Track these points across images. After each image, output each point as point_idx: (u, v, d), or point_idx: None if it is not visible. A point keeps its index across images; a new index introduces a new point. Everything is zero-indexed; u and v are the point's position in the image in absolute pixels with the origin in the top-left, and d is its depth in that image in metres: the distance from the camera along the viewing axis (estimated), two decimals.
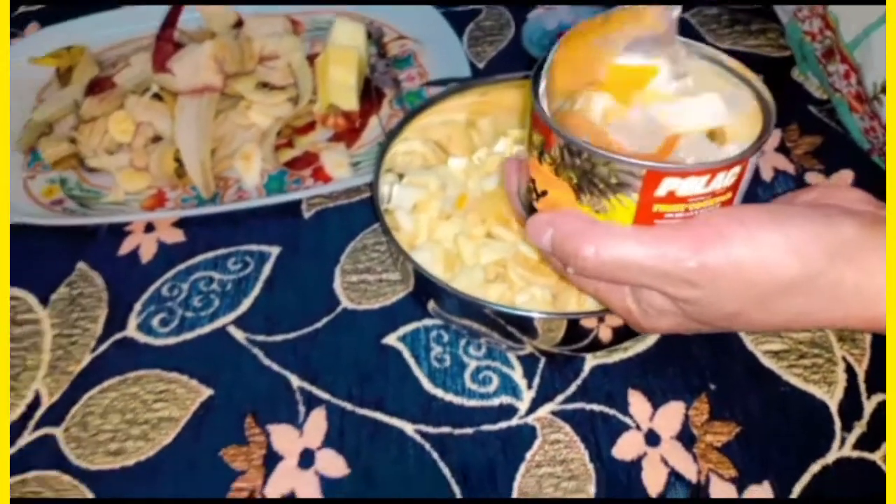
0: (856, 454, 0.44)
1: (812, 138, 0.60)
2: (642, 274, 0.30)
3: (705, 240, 0.29)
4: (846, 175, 0.58)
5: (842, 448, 0.44)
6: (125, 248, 0.57)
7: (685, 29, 0.72)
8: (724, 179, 0.29)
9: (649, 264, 0.30)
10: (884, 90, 0.50)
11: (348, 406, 0.47)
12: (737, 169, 0.30)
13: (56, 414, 0.48)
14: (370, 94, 0.63)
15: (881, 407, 0.46)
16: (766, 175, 0.59)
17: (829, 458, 0.44)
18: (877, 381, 0.47)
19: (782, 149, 0.60)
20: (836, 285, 0.29)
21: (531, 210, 0.35)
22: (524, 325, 0.43)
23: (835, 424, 0.45)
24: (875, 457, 0.44)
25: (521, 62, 0.69)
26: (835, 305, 0.29)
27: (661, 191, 0.29)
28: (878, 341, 0.49)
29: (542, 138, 0.31)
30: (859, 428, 0.45)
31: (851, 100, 0.55)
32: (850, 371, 0.47)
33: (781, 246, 0.28)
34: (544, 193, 0.33)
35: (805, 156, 0.60)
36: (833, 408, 0.46)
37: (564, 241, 0.31)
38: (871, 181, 0.57)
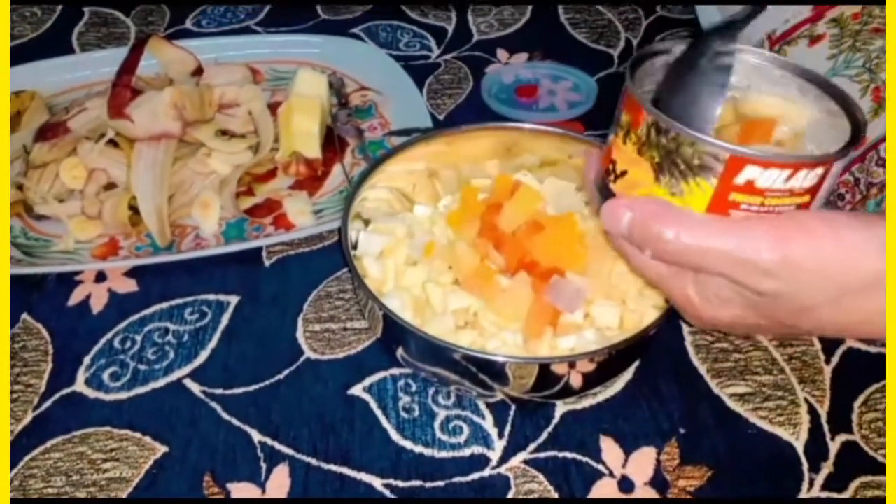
0: (825, 495, 0.44)
1: None
2: (721, 261, 0.30)
3: (790, 233, 0.29)
4: None
5: (811, 489, 0.44)
6: (74, 298, 0.54)
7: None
8: (804, 178, 0.29)
9: (731, 252, 0.29)
10: None
11: (313, 461, 0.45)
12: (819, 170, 0.29)
13: None
14: (333, 143, 0.63)
15: (845, 447, 0.46)
16: None
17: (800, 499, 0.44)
18: (839, 421, 0.48)
19: None
20: None
21: (606, 192, 0.34)
22: (496, 371, 0.42)
23: (802, 466, 0.46)
24: (844, 497, 0.44)
25: (480, 113, 0.70)
26: None
27: (741, 178, 0.29)
28: (838, 382, 0.50)
29: (630, 117, 0.31)
30: (826, 469, 0.45)
31: None
32: (812, 412, 0.48)
33: (871, 242, 0.28)
34: (623, 173, 0.33)
35: None
36: (799, 449, 0.46)
37: (646, 223, 0.31)
38: None
